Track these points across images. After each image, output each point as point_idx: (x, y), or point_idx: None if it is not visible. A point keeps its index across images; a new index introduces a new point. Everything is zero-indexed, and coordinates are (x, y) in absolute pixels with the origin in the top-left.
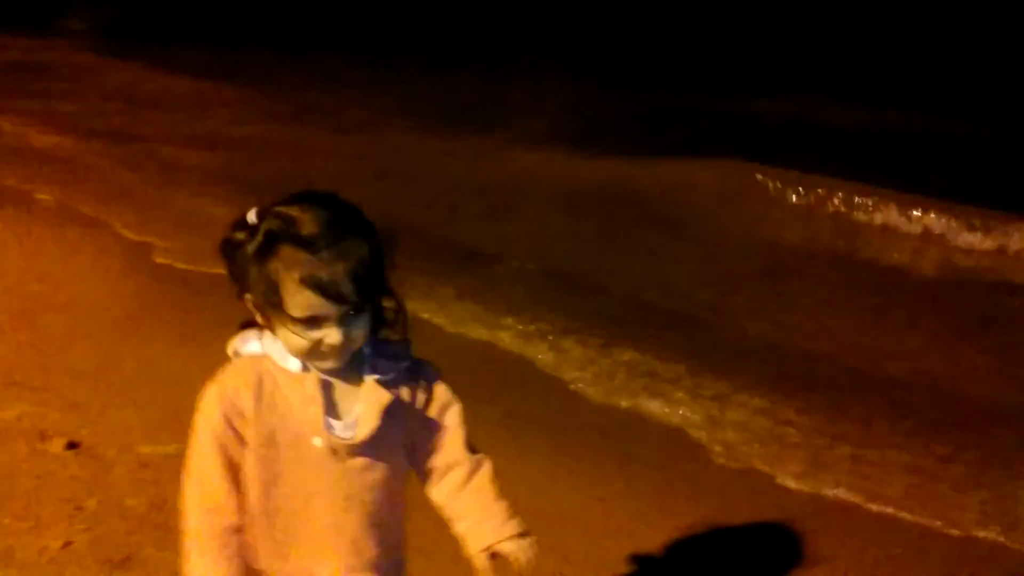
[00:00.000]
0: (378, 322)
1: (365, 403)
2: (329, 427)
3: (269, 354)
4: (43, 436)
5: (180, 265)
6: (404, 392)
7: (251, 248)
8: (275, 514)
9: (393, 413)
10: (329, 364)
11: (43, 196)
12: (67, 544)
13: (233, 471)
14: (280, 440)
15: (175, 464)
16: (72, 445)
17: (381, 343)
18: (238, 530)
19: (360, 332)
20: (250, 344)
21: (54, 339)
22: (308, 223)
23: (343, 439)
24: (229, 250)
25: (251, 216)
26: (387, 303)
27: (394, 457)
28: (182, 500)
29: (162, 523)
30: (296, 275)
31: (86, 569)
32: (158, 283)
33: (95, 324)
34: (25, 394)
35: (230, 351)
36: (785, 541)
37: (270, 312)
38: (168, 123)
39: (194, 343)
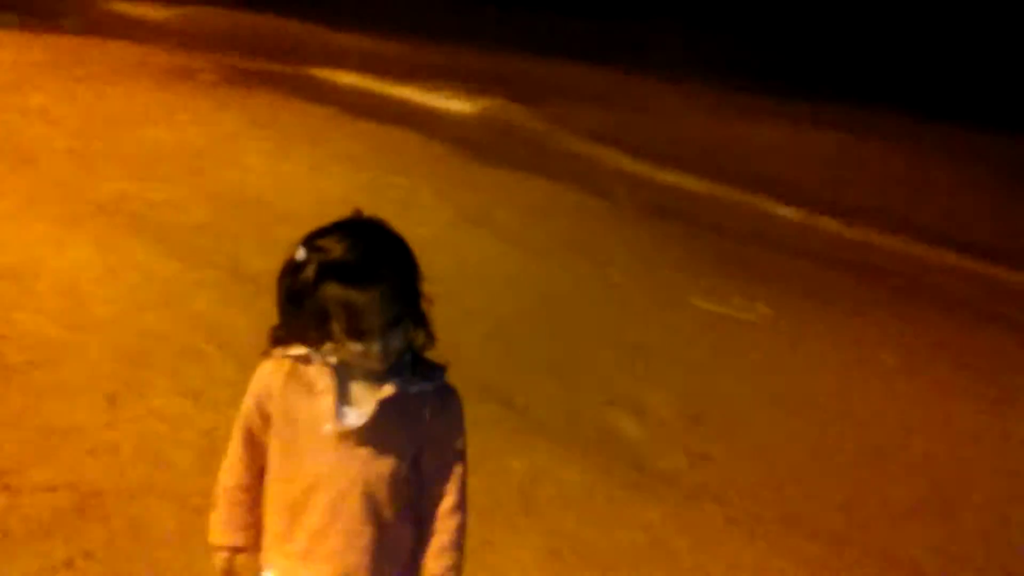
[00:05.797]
0: (417, 330)
1: (373, 397)
2: (341, 415)
3: (304, 354)
4: None
5: None
6: (424, 406)
7: (302, 284)
8: (286, 493)
9: (402, 414)
10: (375, 367)
11: None
12: None
13: (253, 444)
14: (299, 422)
15: None
16: None
17: (422, 362)
18: (247, 489)
19: (398, 342)
20: (294, 349)
21: None
22: (347, 257)
23: (347, 427)
24: (285, 286)
25: (300, 255)
26: (419, 323)
27: (399, 460)
28: None
29: None
30: (340, 302)
31: None
32: None
33: None
34: None
35: (275, 354)
36: None
37: (322, 332)
38: None
39: None
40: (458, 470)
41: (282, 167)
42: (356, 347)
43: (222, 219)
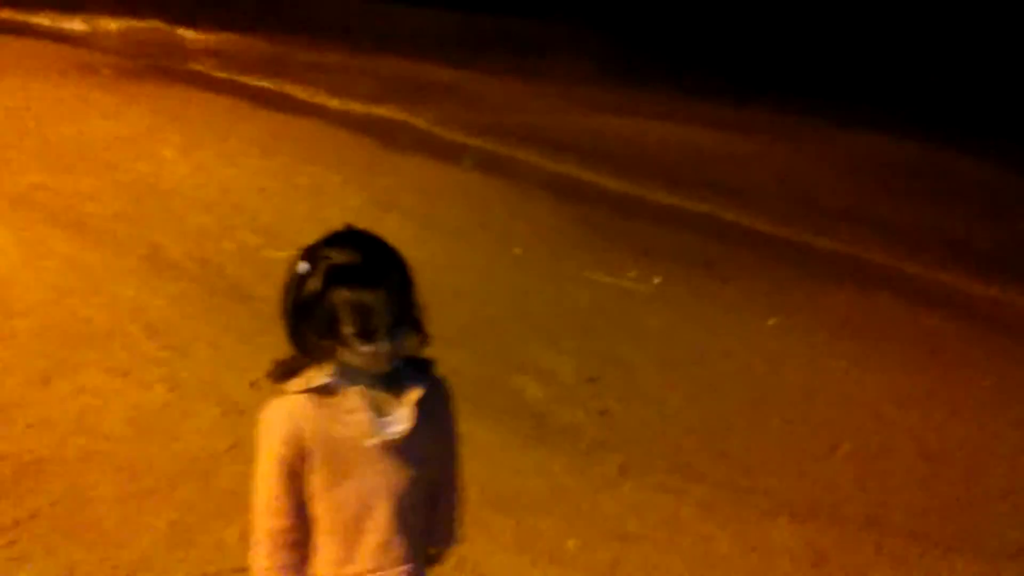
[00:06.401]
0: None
1: (404, 403)
2: (381, 427)
3: (324, 384)
4: None
5: None
6: (432, 398)
7: (310, 293)
8: (341, 517)
9: (424, 411)
10: (382, 367)
11: None
12: None
13: (293, 483)
14: (340, 448)
15: None
16: None
17: (412, 359)
18: (292, 529)
19: (403, 340)
20: (309, 379)
21: None
22: (352, 261)
23: (392, 436)
24: (292, 299)
25: (303, 267)
26: (415, 321)
27: (430, 454)
28: (252, 508)
29: None
30: (350, 306)
31: None
32: None
33: None
34: None
35: (293, 388)
36: None
37: (332, 339)
38: None
39: None
40: (457, 449)
41: (193, 157)
42: (367, 348)
43: (138, 209)
